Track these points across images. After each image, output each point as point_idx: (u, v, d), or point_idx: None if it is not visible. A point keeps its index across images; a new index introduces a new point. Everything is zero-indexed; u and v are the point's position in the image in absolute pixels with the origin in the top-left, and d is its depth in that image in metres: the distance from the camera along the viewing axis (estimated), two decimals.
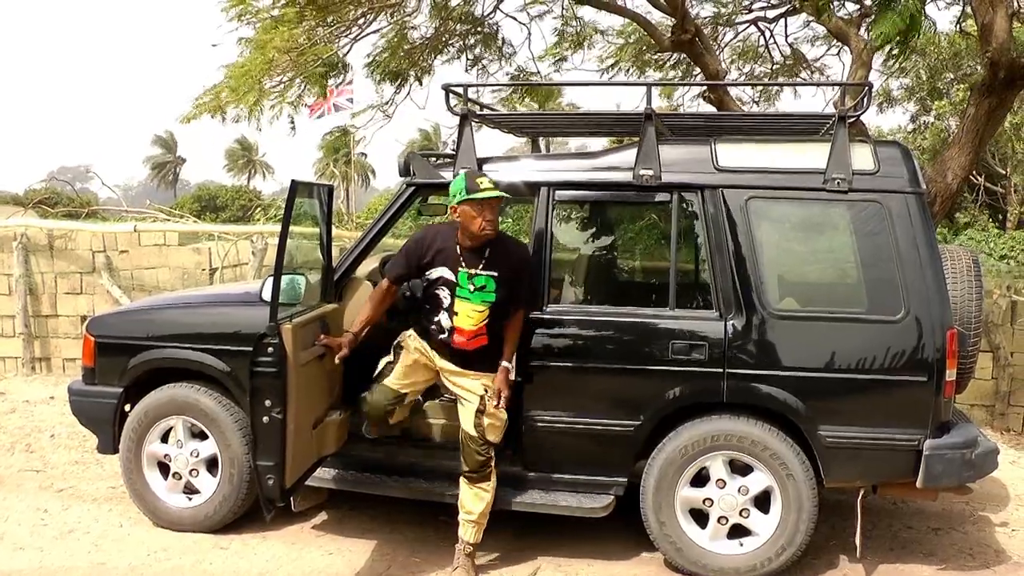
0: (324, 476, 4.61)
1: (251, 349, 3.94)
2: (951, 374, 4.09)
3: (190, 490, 4.81)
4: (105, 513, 5.14)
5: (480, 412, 4.19)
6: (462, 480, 4.27)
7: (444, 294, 4.19)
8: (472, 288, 4.14)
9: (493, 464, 4.26)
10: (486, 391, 4.19)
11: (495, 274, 4.14)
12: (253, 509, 4.79)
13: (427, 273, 4.22)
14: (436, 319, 4.23)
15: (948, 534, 5.07)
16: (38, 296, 9.43)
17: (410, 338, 4.38)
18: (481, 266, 4.14)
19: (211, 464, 4.75)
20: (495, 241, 4.16)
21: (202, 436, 4.74)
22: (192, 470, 4.76)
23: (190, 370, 4.74)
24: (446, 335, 4.22)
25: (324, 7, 8.24)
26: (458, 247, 4.16)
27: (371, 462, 4.68)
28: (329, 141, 43.47)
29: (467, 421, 4.23)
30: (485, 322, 4.16)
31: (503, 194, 4.08)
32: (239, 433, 4.62)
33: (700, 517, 4.32)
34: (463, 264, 4.15)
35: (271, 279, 4.06)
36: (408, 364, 4.34)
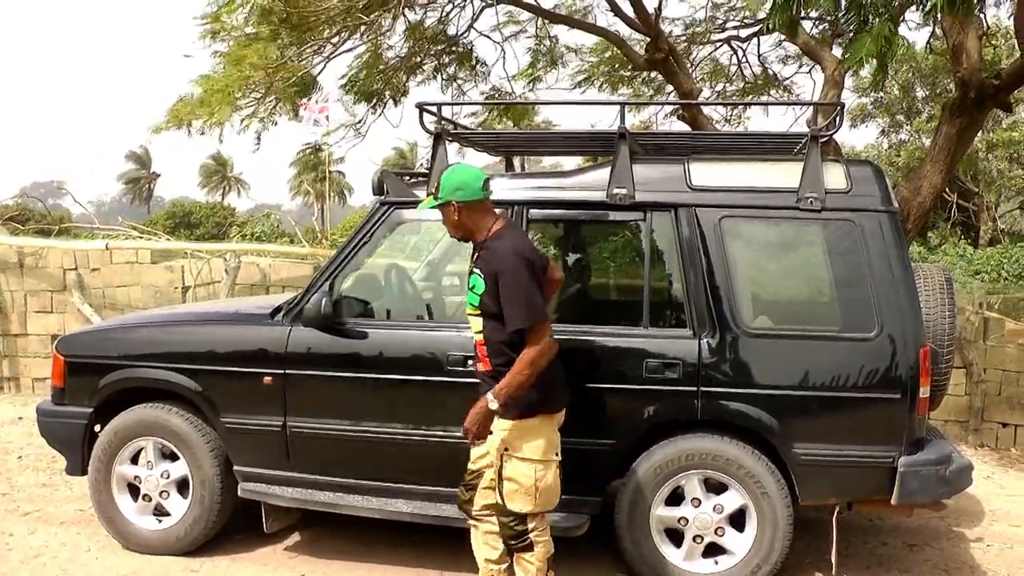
0: (297, 496, 4.54)
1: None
2: (925, 391, 4.10)
3: (160, 512, 4.75)
4: (73, 536, 5.06)
5: (498, 474, 3.64)
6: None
7: None
8: (469, 287, 3.69)
9: (539, 535, 3.69)
10: (505, 449, 3.59)
11: (480, 272, 3.61)
12: (224, 531, 4.74)
13: None
14: None
15: (923, 550, 5.08)
16: (7, 314, 9.32)
17: None
18: (471, 263, 3.73)
19: (182, 485, 4.69)
20: (484, 240, 3.66)
21: (173, 457, 4.69)
22: (162, 492, 4.70)
23: (161, 390, 4.69)
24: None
25: (298, 25, 8.25)
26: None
27: (345, 482, 4.62)
28: (302, 158, 43.29)
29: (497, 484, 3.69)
30: (481, 333, 3.66)
31: (425, 208, 3.75)
32: (210, 454, 4.58)
33: (675, 536, 4.31)
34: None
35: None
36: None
